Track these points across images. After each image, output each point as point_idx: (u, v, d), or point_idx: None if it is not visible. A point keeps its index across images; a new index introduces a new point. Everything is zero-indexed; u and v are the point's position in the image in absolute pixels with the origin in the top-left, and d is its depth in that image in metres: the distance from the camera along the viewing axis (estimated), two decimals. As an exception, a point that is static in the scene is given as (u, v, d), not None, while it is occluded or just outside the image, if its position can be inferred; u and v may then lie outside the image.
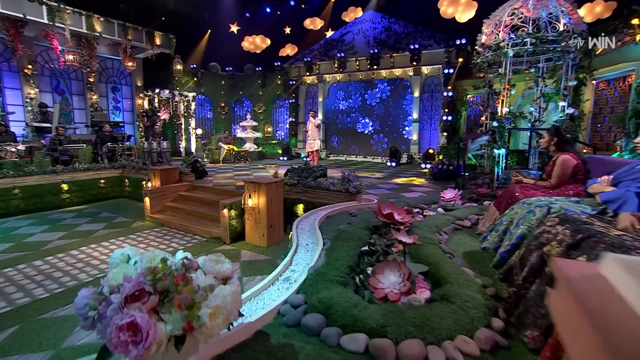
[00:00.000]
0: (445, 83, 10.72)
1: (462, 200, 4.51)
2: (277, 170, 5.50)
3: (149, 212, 5.72)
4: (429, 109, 11.56)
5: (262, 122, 14.99)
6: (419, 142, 11.64)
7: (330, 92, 13.49)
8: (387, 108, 12.21)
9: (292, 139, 14.33)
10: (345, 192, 4.73)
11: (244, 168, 9.54)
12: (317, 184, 5.01)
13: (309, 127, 8.44)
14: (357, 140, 12.95)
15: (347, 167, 10.00)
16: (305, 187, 5.12)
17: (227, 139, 11.08)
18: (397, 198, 5.29)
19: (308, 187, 5.10)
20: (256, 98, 15.06)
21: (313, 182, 5.06)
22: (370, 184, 6.79)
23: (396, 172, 8.93)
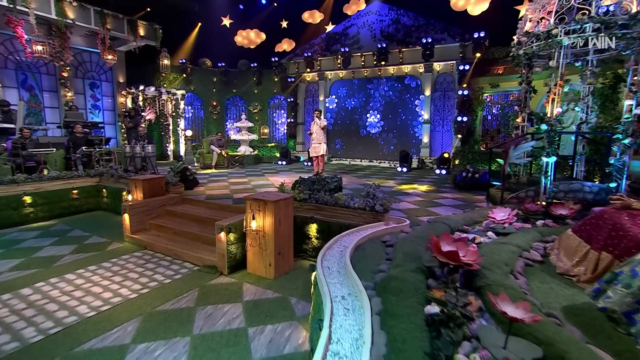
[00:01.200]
0: (460, 81, 10.14)
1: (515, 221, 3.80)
2: (284, 182, 4.73)
3: (129, 231, 4.91)
4: (441, 109, 10.98)
5: (257, 122, 14.40)
6: (430, 145, 11.03)
7: (333, 90, 12.91)
8: (395, 108, 11.65)
9: (291, 141, 13.78)
10: (370, 211, 3.99)
11: (239, 174, 8.78)
12: (334, 200, 4.27)
13: (313, 129, 7.73)
14: (363, 143, 12.37)
15: (353, 173, 9.32)
16: (318, 203, 4.38)
17: (220, 141, 10.38)
18: (427, 214, 4.58)
19: (322, 203, 4.35)
20: (251, 96, 14.46)
21: (329, 197, 4.31)
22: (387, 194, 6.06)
23: (409, 179, 8.27)
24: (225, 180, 7.78)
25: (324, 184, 4.79)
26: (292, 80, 13.11)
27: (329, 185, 4.79)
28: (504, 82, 9.59)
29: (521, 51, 4.64)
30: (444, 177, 8.67)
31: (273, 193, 4.16)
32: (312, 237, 4.39)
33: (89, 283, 3.59)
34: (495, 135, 10.38)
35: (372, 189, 4.09)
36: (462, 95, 9.96)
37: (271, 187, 6.80)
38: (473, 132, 10.36)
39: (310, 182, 4.88)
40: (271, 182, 7.39)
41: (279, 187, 4.78)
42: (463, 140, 10.39)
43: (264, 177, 8.40)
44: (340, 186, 4.97)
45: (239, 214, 4.75)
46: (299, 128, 13.57)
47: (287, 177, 8.22)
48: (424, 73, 10.96)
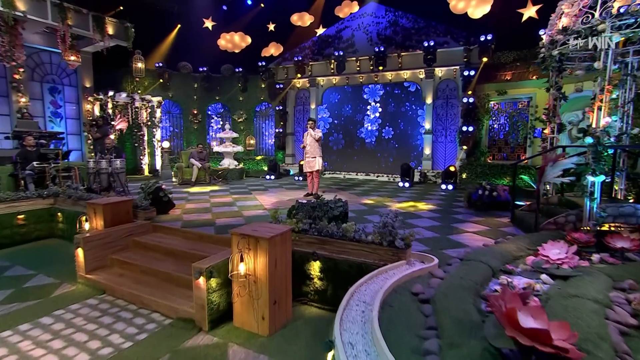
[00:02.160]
0: (464, 87, 9.77)
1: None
2: (278, 211, 4.03)
3: (83, 270, 4.09)
4: (443, 118, 10.59)
5: (243, 133, 13.80)
6: (433, 157, 10.56)
7: (325, 97, 12.45)
8: (393, 117, 11.26)
9: (279, 153, 13.20)
10: (388, 247, 3.32)
11: (223, 192, 8.02)
12: (342, 232, 3.58)
13: (306, 141, 7.13)
14: (358, 155, 11.90)
15: (350, 189, 8.69)
16: (322, 235, 3.68)
17: (201, 154, 9.66)
18: (451, 245, 3.94)
19: (327, 235, 3.65)
20: (236, 104, 13.88)
21: (334, 227, 3.62)
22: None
23: (415, 196, 7.70)
24: (207, 200, 7.03)
25: (327, 210, 4.11)
26: (281, 86, 12.64)
27: (332, 212, 4.11)
28: (512, 88, 9.28)
29: (556, 51, 4.11)
30: (452, 194, 8.16)
31: (265, 225, 3.45)
32: (315, 278, 3.68)
33: (11, 356, 2.75)
34: (503, 146, 10.01)
35: (389, 217, 3.43)
36: (467, 103, 9.56)
37: (260, 209, 6.09)
38: (479, 142, 9.93)
39: (309, 208, 4.19)
40: (260, 203, 6.68)
41: (272, 214, 4.08)
42: (468, 152, 9.98)
43: (251, 195, 7.71)
44: (346, 212, 4.30)
45: (223, 248, 4.01)
46: (289, 139, 13.04)
47: (278, 196, 7.53)
48: (424, 79, 10.59)
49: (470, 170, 9.05)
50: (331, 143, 12.15)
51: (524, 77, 8.87)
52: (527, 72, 8.82)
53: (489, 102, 9.82)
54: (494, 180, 8.46)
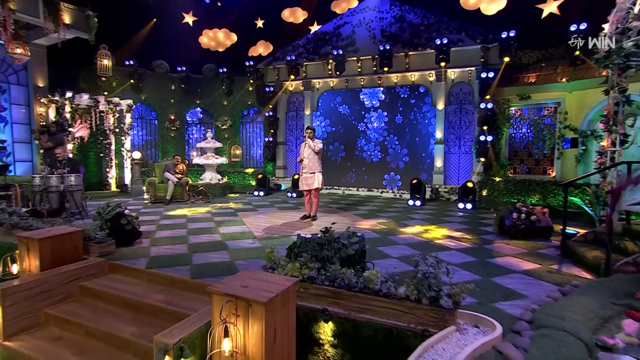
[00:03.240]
0: (481, 91, 9.28)
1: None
2: (273, 252, 3.27)
3: (0, 336, 3.21)
4: (456, 126, 10.11)
5: (227, 142, 13.20)
6: (445, 170, 10.04)
7: (322, 102, 11.91)
8: (400, 125, 10.76)
9: (269, 165, 12.61)
10: (430, 306, 2.58)
11: (204, 213, 7.20)
12: (362, 283, 2.83)
13: (304, 154, 6.51)
14: (360, 168, 11.34)
15: (352, 208, 8.00)
16: (335, 285, 2.93)
17: (178, 167, 8.94)
18: (502, 295, 3.22)
19: (342, 285, 2.90)
20: (219, 109, 13.32)
21: (353, 276, 2.87)
22: (417, 249, 4.70)
23: (430, 218, 7.10)
24: (183, 225, 6.22)
25: (338, 248, 3.36)
26: (271, 89, 12.08)
27: (345, 250, 3.36)
28: (537, 92, 8.81)
29: (630, 42, 3.48)
30: (473, 215, 7.55)
31: (257, 275, 2.68)
32: (326, 344, 2.92)
33: None
34: (526, 158, 9.48)
35: (429, 265, 2.68)
36: (484, 109, 9.04)
37: (249, 237, 5.34)
38: (498, 154, 9.37)
39: (316, 246, 3.44)
40: (248, 229, 5.91)
41: (267, 255, 3.31)
42: (486, 165, 9.44)
43: (237, 217, 6.96)
44: (363, 250, 3.55)
45: (201, 298, 3.23)
46: (280, 149, 12.45)
47: (269, 218, 6.80)
48: (435, 82, 10.11)
49: (491, 186, 8.44)
50: (328, 154, 11.54)
51: (551, 80, 8.38)
52: (554, 73, 8.34)
53: (509, 108, 9.35)
54: (520, 198, 7.85)
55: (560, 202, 7.16)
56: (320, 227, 5.98)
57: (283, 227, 6.06)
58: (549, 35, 9.01)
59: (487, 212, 7.78)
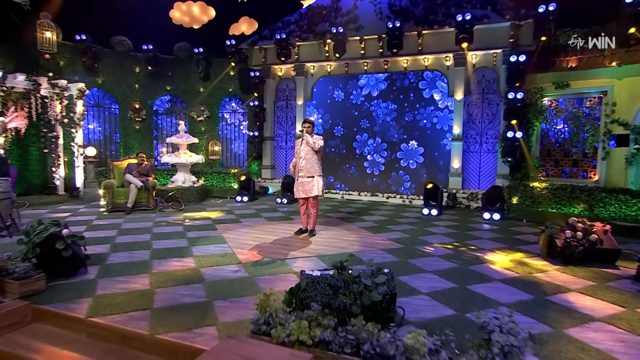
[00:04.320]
0: (509, 78, 8.76)
1: None
2: (269, 298, 2.53)
3: None
4: (477, 119, 9.69)
5: (204, 136, 12.59)
6: (463, 172, 9.70)
7: (317, 91, 11.46)
8: (409, 118, 10.36)
9: (254, 164, 12.20)
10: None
11: (174, 227, 6.54)
12: (403, 353, 2.12)
13: (301, 152, 5.97)
14: (362, 169, 10.99)
15: (355, 219, 7.45)
16: (362, 355, 2.22)
17: (144, 167, 8.30)
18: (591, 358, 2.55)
19: (373, 355, 2.19)
20: (194, 97, 12.72)
21: (389, 345, 2.17)
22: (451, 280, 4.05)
23: (453, 232, 6.57)
24: (146, 243, 5.50)
25: (359, 292, 2.68)
26: (257, 74, 11.50)
27: (369, 295, 2.68)
28: (578, 79, 8.31)
29: None
30: (504, 228, 7.01)
31: (250, 352, 1.93)
32: None
33: None
34: (561, 159, 9.08)
35: (505, 331, 1.98)
36: (513, 99, 8.53)
37: (231, 262, 4.65)
38: (528, 153, 8.91)
39: (327, 289, 2.76)
40: (230, 249, 5.25)
41: (260, 305, 2.59)
42: (514, 166, 8.96)
43: (217, 232, 6.28)
44: (394, 293, 2.86)
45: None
46: (267, 145, 11.93)
47: (257, 233, 6.13)
48: (453, 67, 9.61)
49: (523, 193, 7.88)
50: (325, 152, 10.99)
51: (597, 64, 7.87)
52: (600, 56, 7.81)
53: (543, 99, 8.89)
54: (560, 208, 7.30)
55: (613, 214, 6.60)
56: (321, 245, 5.52)
57: (275, 247, 5.42)
58: (595, 9, 8.48)
59: (520, 225, 7.29)
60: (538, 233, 6.43)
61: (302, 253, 5.08)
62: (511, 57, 8.48)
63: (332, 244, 5.62)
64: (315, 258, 4.85)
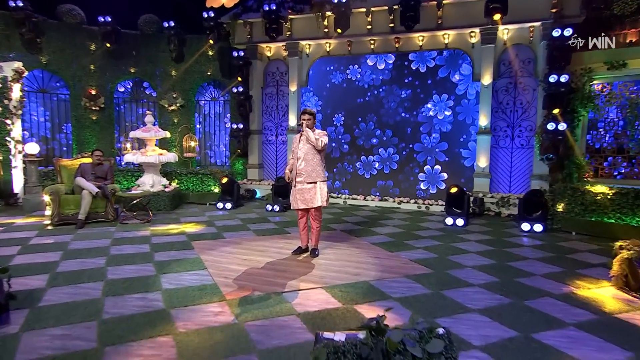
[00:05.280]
0: (550, 58, 8.37)
1: None
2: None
3: None
4: (508, 108, 9.51)
5: (177, 130, 12.40)
6: (491, 172, 9.53)
7: (313, 74, 11.33)
8: (426, 108, 10.24)
9: (238, 163, 12.13)
10: None
11: (137, 245, 5.99)
12: None
13: (299, 151, 5.65)
14: (368, 168, 10.96)
15: (365, 231, 6.99)
16: None
17: (100, 167, 7.92)
18: None
19: None
20: (165, 82, 12.52)
21: None
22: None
23: (489, 249, 6.08)
24: (99, 271, 4.86)
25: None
26: (241, 55, 11.19)
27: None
28: (637, 58, 7.93)
29: None
30: (552, 244, 6.57)
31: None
32: None
33: None
34: (615, 156, 8.72)
35: None
36: (555, 83, 8.10)
37: (212, 301, 4.02)
38: (572, 149, 8.58)
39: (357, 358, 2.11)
40: (211, 279, 4.65)
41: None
42: (555, 165, 8.64)
43: (193, 252, 5.74)
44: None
45: None
46: (253, 140, 11.72)
47: (245, 254, 5.56)
48: (479, 45, 9.32)
49: (571, 198, 7.47)
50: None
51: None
52: None
53: (592, 82, 8.55)
54: (620, 217, 6.87)
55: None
56: (327, 270, 5.01)
57: (268, 274, 4.86)
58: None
59: (569, 239, 6.86)
60: (597, 250, 6.11)
61: (305, 282, 4.55)
62: (553, 31, 8.10)
63: (341, 268, 5.14)
64: (322, 290, 4.30)
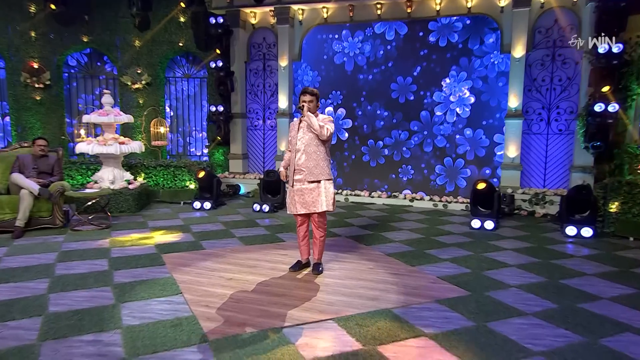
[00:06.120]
0: (599, 23, 8.03)
1: None
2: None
3: None
4: (544, 86, 9.41)
5: (142, 113, 12.08)
6: (522, 163, 9.49)
7: (307, 46, 11.31)
8: (443, 86, 10.30)
9: (217, 153, 12.01)
10: None
11: (91, 260, 5.52)
12: None
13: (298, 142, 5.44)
14: (374, 157, 11.00)
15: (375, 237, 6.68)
16: None
17: (46, 160, 7.62)
18: None
19: None
20: (127, 54, 12.31)
21: None
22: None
23: (533, 262, 5.77)
24: (38, 301, 4.31)
25: None
26: (221, 22, 10.97)
27: None
28: None
29: None
30: (608, 254, 6.21)
31: None
32: None
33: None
34: None
35: None
36: (605, 55, 7.78)
37: (190, 343, 3.45)
38: (623, 135, 8.42)
39: None
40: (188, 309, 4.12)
41: None
42: (601, 155, 8.38)
43: (163, 271, 5.24)
44: None
45: None
46: (236, 125, 11.56)
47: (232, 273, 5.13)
48: (510, 9, 9.09)
49: (629, 195, 7.15)
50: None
51: None
52: None
53: None
54: None
55: None
56: (337, 293, 4.49)
57: (261, 300, 4.36)
58: None
59: (628, 247, 6.51)
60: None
61: (310, 312, 4.03)
62: (603, -9, 7.79)
63: (354, 289, 4.67)
64: (334, 324, 3.81)
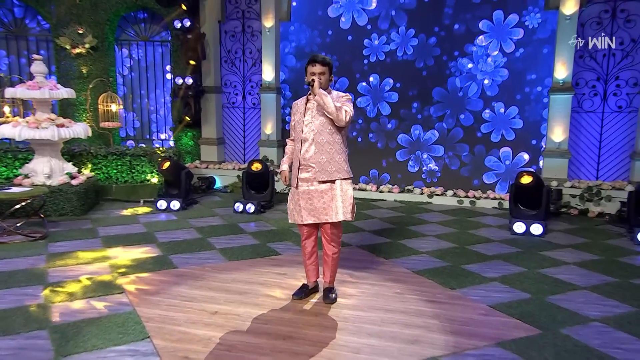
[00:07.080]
0: None
1: None
2: None
3: None
4: (601, 52, 9.22)
5: (87, 86, 11.50)
6: (570, 150, 9.35)
7: (299, 3, 11.05)
8: (467, 54, 10.08)
9: (185, 137, 11.82)
10: None
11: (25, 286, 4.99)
12: None
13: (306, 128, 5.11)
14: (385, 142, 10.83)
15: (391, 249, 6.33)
16: None
17: None
18: None
19: None
20: (64, 10, 11.78)
21: None
22: None
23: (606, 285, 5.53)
24: None
25: None
26: None
27: None
28: None
29: None
30: None
31: None
32: None
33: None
34: None
35: None
36: None
37: None
38: None
39: None
40: None
41: None
42: None
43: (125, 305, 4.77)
44: None
45: None
46: (209, 102, 11.26)
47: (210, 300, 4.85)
48: None
49: None
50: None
51: None
52: None
53: None
54: None
55: None
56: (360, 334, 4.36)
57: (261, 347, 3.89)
58: None
59: None
60: None
61: None
62: None
63: (383, 327, 4.21)
64: None
